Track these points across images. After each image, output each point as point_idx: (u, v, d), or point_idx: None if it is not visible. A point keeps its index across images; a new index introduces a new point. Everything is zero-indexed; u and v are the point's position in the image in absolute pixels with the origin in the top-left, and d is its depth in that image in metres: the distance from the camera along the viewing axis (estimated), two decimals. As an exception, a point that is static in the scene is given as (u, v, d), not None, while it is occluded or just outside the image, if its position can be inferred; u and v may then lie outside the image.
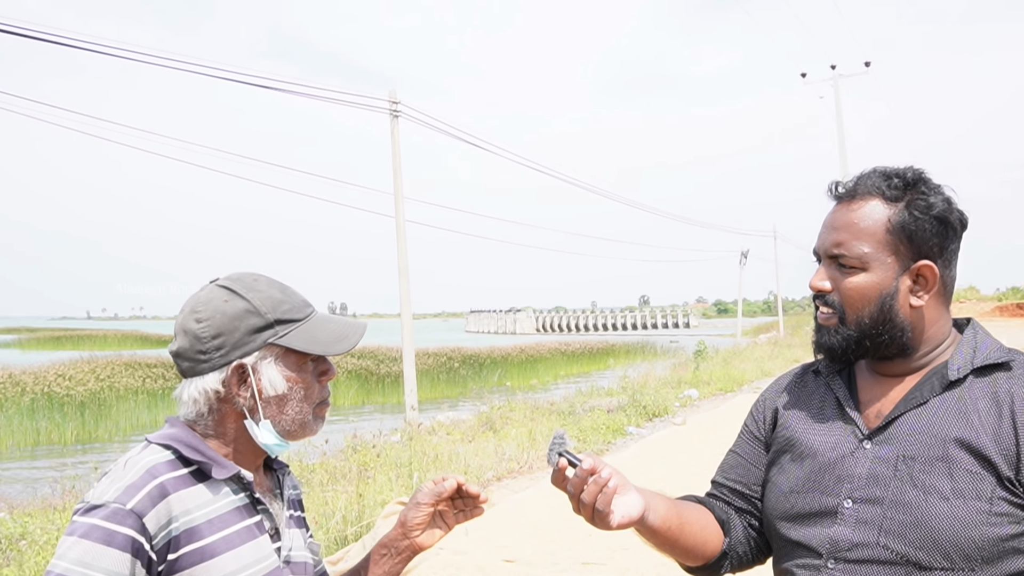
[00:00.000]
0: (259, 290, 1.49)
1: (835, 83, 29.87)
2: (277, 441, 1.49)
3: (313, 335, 1.50)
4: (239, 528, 1.44)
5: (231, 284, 1.50)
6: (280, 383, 1.47)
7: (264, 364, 1.47)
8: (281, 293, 1.51)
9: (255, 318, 1.46)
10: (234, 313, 1.46)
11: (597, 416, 13.58)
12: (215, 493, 1.43)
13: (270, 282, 1.53)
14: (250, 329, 1.46)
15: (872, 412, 1.56)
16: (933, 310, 1.54)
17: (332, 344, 1.51)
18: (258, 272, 1.56)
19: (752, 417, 1.79)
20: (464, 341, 42.24)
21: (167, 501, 1.35)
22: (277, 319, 1.48)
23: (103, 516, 1.30)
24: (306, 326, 1.51)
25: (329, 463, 9.44)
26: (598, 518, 1.44)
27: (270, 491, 1.58)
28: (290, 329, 1.49)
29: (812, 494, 1.54)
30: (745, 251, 47.18)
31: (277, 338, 1.47)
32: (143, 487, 1.34)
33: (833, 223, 1.56)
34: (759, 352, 28.99)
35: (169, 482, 1.37)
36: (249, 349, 1.46)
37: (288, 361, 1.48)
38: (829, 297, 1.56)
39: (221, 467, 1.44)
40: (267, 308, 1.47)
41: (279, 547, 1.50)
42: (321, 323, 1.53)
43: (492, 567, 6.33)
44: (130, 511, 1.31)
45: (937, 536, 1.38)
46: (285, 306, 1.50)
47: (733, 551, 1.68)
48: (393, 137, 15.92)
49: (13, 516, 7.25)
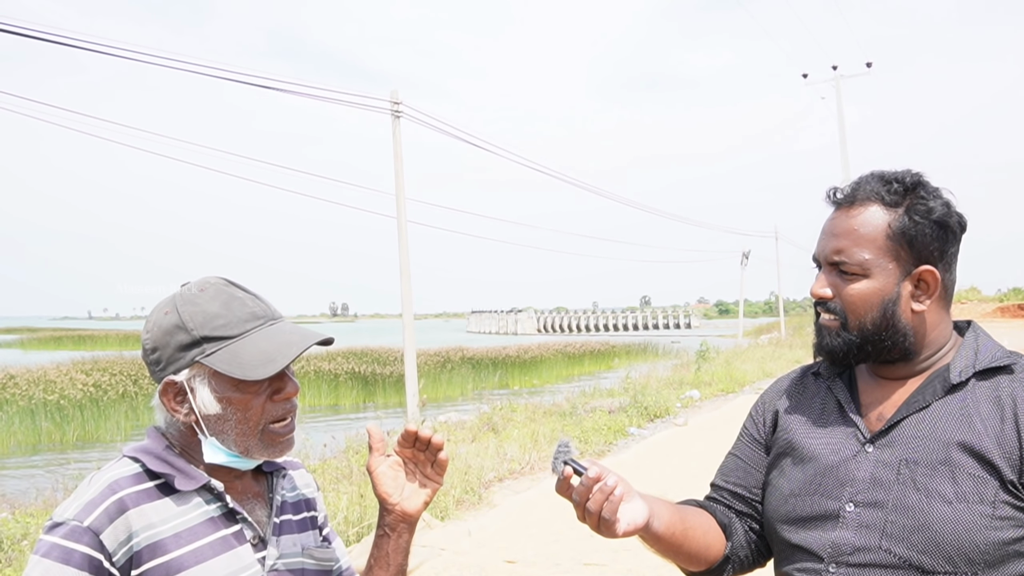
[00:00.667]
0: (196, 303, 1.41)
1: (836, 84, 29.86)
2: (228, 459, 1.42)
3: (238, 356, 1.38)
4: (211, 540, 1.39)
5: (178, 294, 1.44)
6: (212, 404, 1.39)
7: (197, 382, 1.39)
8: (221, 307, 1.41)
9: (183, 334, 1.39)
10: (167, 327, 1.40)
11: (598, 417, 13.55)
12: (183, 505, 1.39)
13: (218, 292, 1.43)
14: (179, 345, 1.39)
15: (873, 415, 1.56)
16: (934, 314, 1.54)
17: (255, 367, 1.37)
18: (221, 277, 1.47)
19: (752, 419, 1.78)
20: (465, 341, 42.17)
21: (125, 516, 1.33)
22: (204, 336, 1.38)
23: (62, 535, 1.30)
24: (235, 345, 1.39)
25: (331, 464, 9.43)
26: (604, 526, 1.43)
27: (259, 496, 1.52)
28: (217, 347, 1.38)
29: (813, 497, 1.53)
30: (746, 251, 47.05)
31: (203, 356, 1.38)
32: (101, 503, 1.32)
33: (833, 229, 1.55)
34: (761, 353, 28.94)
35: (129, 497, 1.35)
36: (179, 366, 1.39)
37: (220, 381, 1.39)
38: (831, 304, 1.55)
39: (188, 478, 1.40)
40: (195, 324, 1.39)
41: (263, 556, 1.45)
42: (255, 341, 1.40)
43: (494, 568, 6.33)
44: (87, 528, 1.30)
45: (940, 540, 1.38)
46: (219, 321, 1.39)
47: (735, 555, 1.68)
48: (395, 137, 15.91)
49: (15, 516, 7.26)
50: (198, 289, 1.44)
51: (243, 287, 1.48)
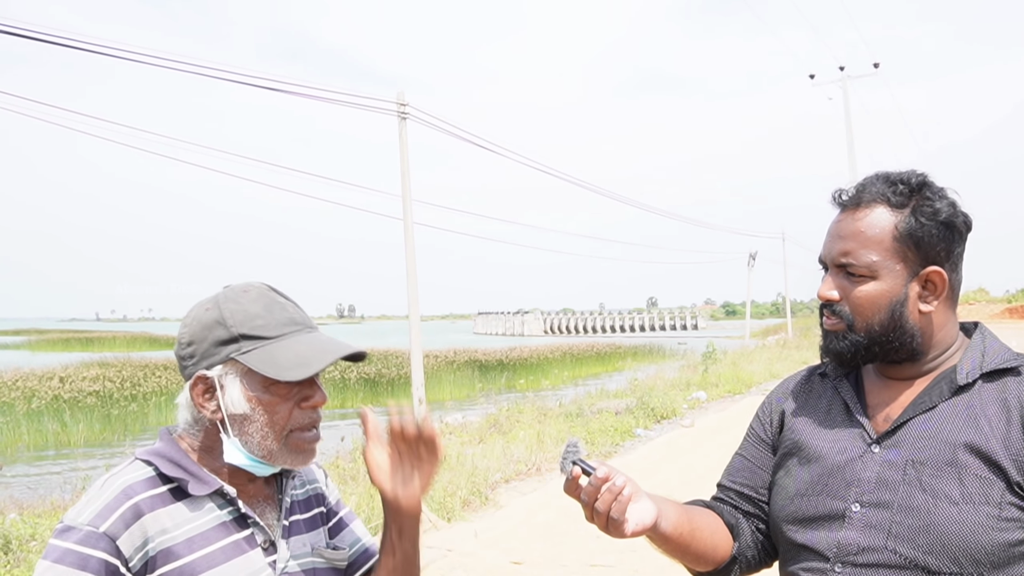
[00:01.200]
0: (238, 302, 1.43)
1: (844, 84, 29.80)
2: (247, 462, 1.42)
3: (274, 356, 1.40)
4: (224, 544, 1.39)
5: (222, 293, 1.46)
6: (241, 402, 1.40)
7: (228, 379, 1.40)
8: (262, 308, 1.43)
9: (221, 330, 1.41)
10: (206, 322, 1.42)
11: (605, 418, 13.55)
12: (196, 510, 1.39)
13: (260, 295, 1.46)
14: (216, 341, 1.41)
15: (880, 416, 1.55)
16: (941, 315, 1.54)
17: (289, 368, 1.38)
18: (264, 283, 1.50)
19: (758, 420, 1.78)
20: (472, 343, 42.22)
21: (141, 522, 1.33)
22: (243, 334, 1.40)
23: (77, 540, 1.29)
24: (272, 346, 1.41)
25: (339, 464, 9.45)
26: (612, 526, 1.43)
27: (269, 499, 1.52)
28: (254, 346, 1.40)
29: (820, 498, 1.53)
30: (753, 253, 46.88)
31: (239, 354, 1.40)
32: (117, 509, 1.32)
33: (839, 232, 1.54)
34: (768, 354, 28.88)
35: (144, 502, 1.35)
36: (214, 361, 1.41)
37: (252, 381, 1.40)
38: (837, 306, 1.55)
39: (201, 483, 1.40)
40: (235, 321, 1.41)
41: (274, 560, 1.45)
42: (292, 344, 1.42)
43: (500, 569, 6.33)
44: (103, 534, 1.30)
45: (946, 541, 1.38)
46: (258, 321, 1.42)
47: (742, 555, 1.68)
48: (401, 139, 15.92)
49: (23, 517, 7.28)
50: (242, 290, 1.46)
51: (285, 294, 1.51)
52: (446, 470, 9.03)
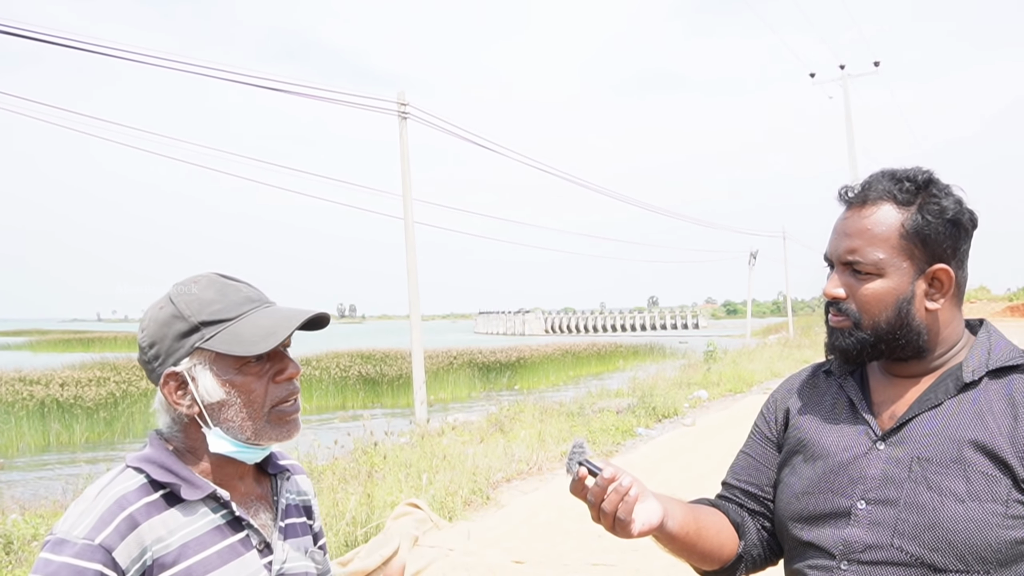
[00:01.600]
0: (191, 293, 1.42)
1: (844, 83, 29.78)
2: (234, 448, 1.42)
3: (239, 335, 1.39)
4: (220, 548, 1.38)
5: (172, 289, 1.45)
6: (216, 389, 1.39)
7: (198, 370, 1.39)
8: (216, 294, 1.42)
9: (180, 322, 1.39)
10: (163, 319, 1.41)
11: (606, 417, 13.54)
12: (190, 515, 1.38)
13: (210, 282, 1.45)
14: (177, 334, 1.39)
15: (885, 413, 1.55)
16: (947, 312, 1.53)
17: (256, 342, 1.38)
18: (212, 271, 1.48)
19: (763, 417, 1.78)
20: (473, 342, 42.20)
21: (137, 532, 1.31)
22: (202, 321, 1.39)
23: (72, 554, 1.27)
24: (234, 326, 1.40)
25: (338, 464, 9.43)
26: (619, 527, 1.43)
27: (261, 499, 1.52)
28: (216, 331, 1.39)
29: (825, 495, 1.53)
30: (754, 252, 46.96)
31: (203, 341, 1.39)
32: (111, 520, 1.30)
33: (845, 229, 1.54)
34: (769, 353, 28.87)
35: (139, 511, 1.33)
36: (179, 356, 1.39)
37: (223, 365, 1.40)
38: (844, 304, 1.54)
39: (193, 487, 1.39)
40: (192, 311, 1.40)
41: (270, 561, 1.45)
42: (253, 320, 1.41)
43: (502, 568, 6.32)
44: (99, 546, 1.28)
45: (952, 538, 1.37)
46: (215, 306, 1.41)
47: (748, 554, 1.68)
48: (401, 139, 15.93)
49: (25, 517, 7.28)
50: (191, 281, 1.45)
51: (235, 277, 1.49)
52: (447, 469, 9.03)
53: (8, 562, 5.97)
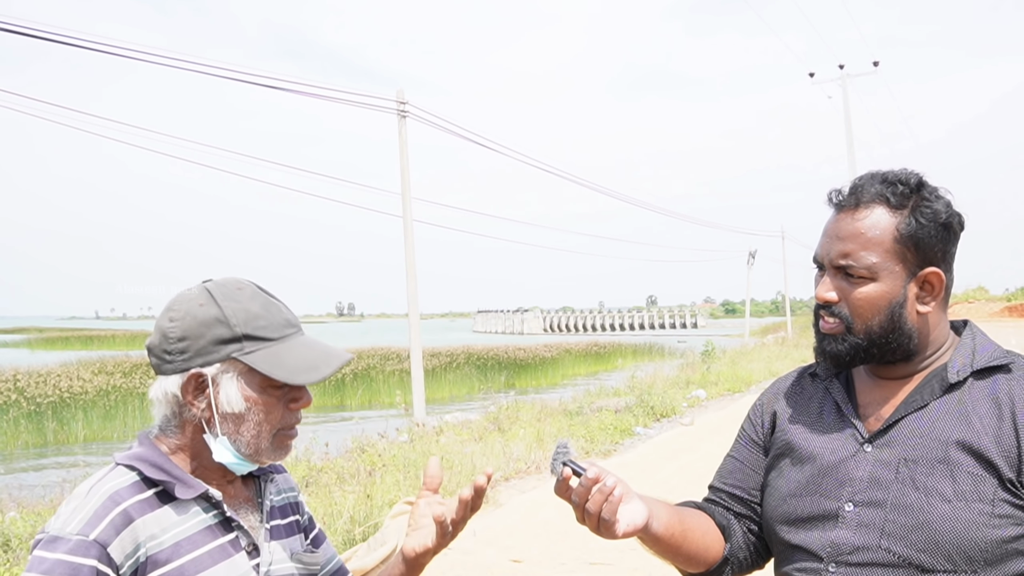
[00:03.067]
0: (237, 300, 1.42)
1: (843, 83, 29.78)
2: (234, 460, 1.42)
3: (281, 358, 1.40)
4: (211, 548, 1.38)
5: (214, 288, 1.43)
6: (238, 401, 1.39)
7: (225, 378, 1.39)
8: (261, 308, 1.43)
9: (223, 328, 1.39)
10: (204, 319, 1.39)
11: (605, 416, 13.54)
12: (182, 514, 1.37)
13: (255, 294, 1.45)
14: (216, 339, 1.39)
15: (872, 415, 1.56)
16: (936, 314, 1.54)
17: (299, 372, 1.40)
18: (250, 281, 1.49)
19: (750, 421, 1.78)
20: (472, 341, 42.20)
21: (132, 528, 1.31)
22: (246, 334, 1.39)
23: (67, 550, 1.26)
24: (276, 347, 1.41)
25: (336, 463, 9.44)
26: (604, 527, 1.43)
27: (249, 501, 1.52)
28: (258, 347, 1.39)
29: (812, 498, 1.53)
30: (753, 251, 46.91)
31: (242, 354, 1.39)
32: (106, 516, 1.29)
33: (838, 232, 1.53)
34: (767, 352, 28.90)
35: (133, 507, 1.32)
36: (211, 359, 1.39)
37: (251, 380, 1.40)
38: (836, 308, 1.54)
39: (186, 486, 1.38)
40: (238, 320, 1.39)
41: (257, 563, 1.44)
42: (295, 347, 1.43)
43: (499, 567, 6.33)
44: (93, 541, 1.27)
45: (940, 538, 1.38)
46: (260, 322, 1.41)
47: (734, 557, 1.68)
48: (401, 137, 15.93)
49: (23, 515, 7.28)
50: (235, 287, 1.45)
51: (272, 294, 1.50)
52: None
53: (6, 560, 5.97)
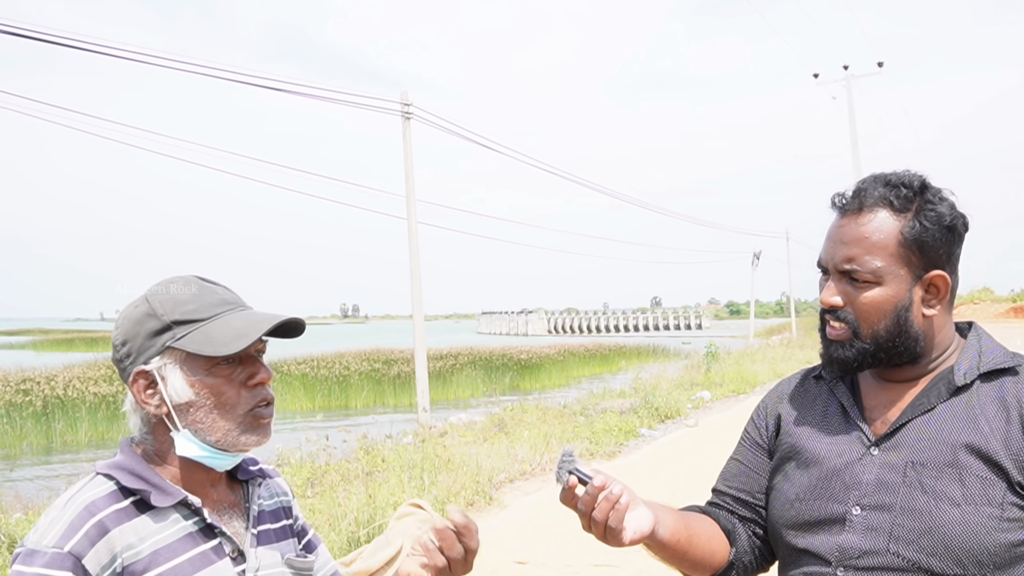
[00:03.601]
0: (166, 292, 1.41)
1: (848, 84, 29.74)
2: (203, 452, 1.40)
3: (210, 335, 1.37)
4: (191, 556, 1.36)
5: (148, 289, 1.44)
6: (184, 389, 1.38)
7: (168, 369, 1.38)
8: (192, 294, 1.41)
9: (153, 320, 1.38)
10: (136, 317, 1.40)
11: (609, 418, 13.53)
12: (160, 521, 1.35)
13: (187, 283, 1.44)
14: (149, 332, 1.38)
15: (878, 418, 1.55)
16: (942, 317, 1.53)
17: (227, 343, 1.36)
18: (188, 274, 1.48)
19: (754, 424, 1.77)
20: (476, 342, 42.15)
21: (108, 538, 1.29)
22: (175, 320, 1.38)
23: (42, 564, 1.25)
24: (207, 326, 1.38)
25: (341, 465, 9.44)
26: (610, 535, 1.43)
27: (235, 506, 1.50)
28: (188, 330, 1.38)
29: (819, 501, 1.52)
30: (757, 252, 46.91)
31: (175, 340, 1.37)
32: (81, 527, 1.28)
33: (842, 237, 1.52)
34: (772, 353, 28.86)
35: (109, 517, 1.31)
36: (150, 354, 1.38)
37: (193, 365, 1.38)
38: (841, 312, 1.53)
39: (164, 494, 1.37)
40: (165, 309, 1.38)
41: (243, 570, 1.42)
42: (226, 322, 1.40)
43: (505, 569, 6.33)
44: (68, 553, 1.26)
45: (949, 542, 1.37)
46: (189, 306, 1.39)
47: (739, 561, 1.67)
48: (405, 139, 15.94)
49: (28, 517, 7.30)
50: (168, 282, 1.45)
51: (213, 280, 1.48)
52: (450, 470, 9.03)
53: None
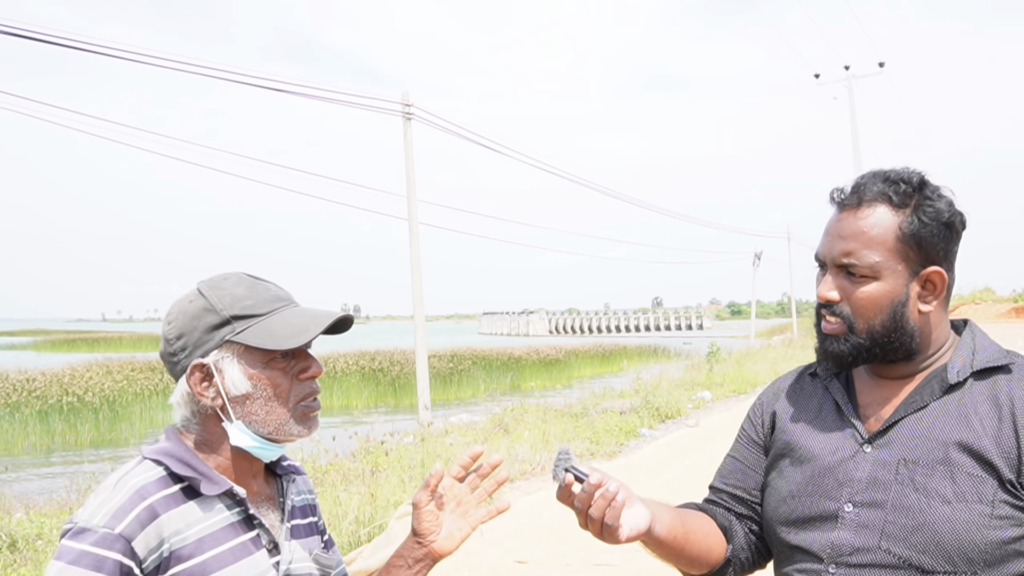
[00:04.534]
0: (222, 288, 1.46)
1: (849, 84, 29.74)
2: (254, 443, 1.45)
3: (271, 330, 1.43)
4: (233, 545, 1.40)
5: (201, 284, 1.48)
6: (242, 382, 1.43)
7: (226, 363, 1.43)
8: (247, 290, 1.47)
9: (212, 315, 1.43)
10: (194, 312, 1.44)
11: (610, 418, 13.54)
12: (207, 510, 1.40)
13: (240, 280, 1.49)
14: (208, 327, 1.43)
15: (871, 416, 1.56)
16: (937, 314, 1.54)
17: (289, 337, 1.42)
18: (238, 271, 1.52)
19: (749, 421, 1.78)
20: (477, 343, 42.13)
21: (157, 523, 1.33)
22: (234, 315, 1.43)
23: (92, 542, 1.29)
24: (266, 321, 1.44)
25: (342, 464, 9.45)
26: (607, 532, 1.44)
27: (270, 500, 1.55)
28: (248, 325, 1.43)
29: (812, 498, 1.53)
30: (759, 252, 46.92)
31: (234, 335, 1.42)
32: (131, 510, 1.32)
33: (840, 231, 1.53)
34: (773, 354, 28.85)
35: (159, 502, 1.35)
36: (208, 348, 1.43)
37: (251, 358, 1.44)
38: (838, 307, 1.53)
39: (212, 483, 1.41)
40: (224, 305, 1.44)
41: (277, 561, 1.47)
42: (284, 317, 1.46)
43: (505, 568, 6.34)
44: (119, 535, 1.30)
45: (939, 539, 1.38)
46: (246, 302, 1.45)
47: (736, 558, 1.68)
48: (406, 139, 15.96)
49: (30, 516, 7.31)
50: (221, 278, 1.49)
51: (262, 277, 1.54)
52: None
53: (13, 560, 5.99)
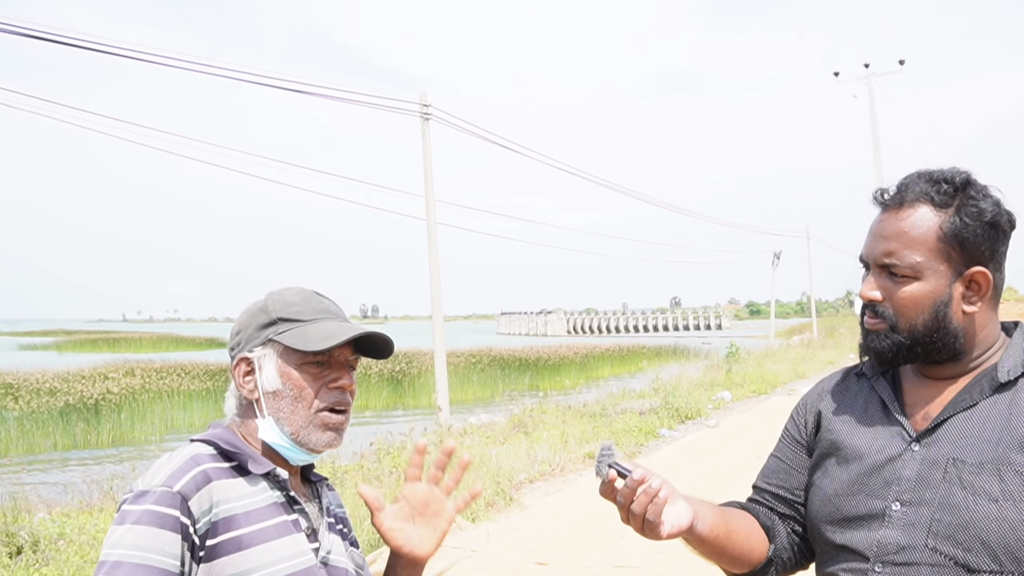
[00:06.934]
0: (281, 295, 1.60)
1: (868, 82, 29.54)
2: (280, 441, 1.52)
3: (306, 334, 1.53)
4: (275, 523, 1.47)
5: (269, 292, 1.62)
6: (275, 378, 1.53)
7: (266, 359, 1.54)
8: (299, 299, 1.59)
9: (263, 315, 1.57)
10: (251, 312, 1.59)
11: (629, 418, 13.52)
12: (253, 486, 1.48)
13: (300, 291, 1.62)
14: (258, 325, 1.56)
15: (919, 414, 1.54)
16: (984, 314, 1.51)
17: (317, 340, 1.52)
18: (304, 286, 1.64)
19: (793, 421, 1.77)
20: (495, 343, 42.13)
21: (210, 487, 1.40)
22: (280, 317, 1.55)
23: (153, 500, 1.35)
24: (306, 327, 1.55)
25: (362, 465, 9.48)
26: (648, 528, 1.44)
27: (307, 495, 1.62)
28: (290, 327, 1.54)
29: (859, 497, 1.52)
30: (778, 252, 46.68)
31: (276, 334, 1.54)
32: (188, 471, 1.40)
33: (882, 231, 1.52)
34: (792, 354, 28.74)
35: (212, 470, 1.43)
36: (255, 344, 1.55)
37: (288, 358, 1.53)
38: (879, 307, 1.53)
39: (257, 463, 1.50)
40: (275, 308, 1.57)
41: (316, 547, 1.52)
42: (322, 325, 1.56)
43: (525, 570, 6.32)
44: (177, 493, 1.36)
45: (985, 538, 1.36)
46: (295, 308, 1.57)
47: (778, 557, 1.67)
48: (424, 140, 15.98)
49: (52, 516, 7.35)
50: (286, 288, 1.63)
51: (325, 295, 1.65)
52: (470, 470, 9.02)
53: (35, 560, 6.02)
